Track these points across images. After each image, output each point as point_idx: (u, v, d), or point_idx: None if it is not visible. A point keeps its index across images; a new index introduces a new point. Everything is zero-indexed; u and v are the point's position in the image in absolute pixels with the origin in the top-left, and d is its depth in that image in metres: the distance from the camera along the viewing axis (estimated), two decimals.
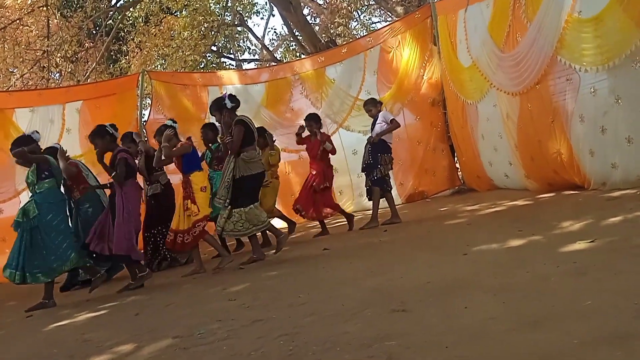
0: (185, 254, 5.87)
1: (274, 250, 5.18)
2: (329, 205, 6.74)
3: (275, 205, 6.82)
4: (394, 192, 8.95)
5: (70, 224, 4.97)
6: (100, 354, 2.73)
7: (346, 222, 6.83)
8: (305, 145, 6.87)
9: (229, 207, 4.91)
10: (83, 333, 3.32)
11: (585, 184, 5.63)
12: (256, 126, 6.95)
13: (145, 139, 7.41)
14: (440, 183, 9.16)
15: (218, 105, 5.11)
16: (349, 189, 9.18)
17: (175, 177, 6.06)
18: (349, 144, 9.07)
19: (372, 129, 6.71)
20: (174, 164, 5.19)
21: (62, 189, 4.95)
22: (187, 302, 3.83)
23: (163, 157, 5.02)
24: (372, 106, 6.76)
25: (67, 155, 5.05)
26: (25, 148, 4.52)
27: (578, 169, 5.64)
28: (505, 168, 7.31)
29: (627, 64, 4.93)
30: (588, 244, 3.38)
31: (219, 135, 5.70)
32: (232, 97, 5.13)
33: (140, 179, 5.73)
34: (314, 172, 6.64)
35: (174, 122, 5.28)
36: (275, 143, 6.80)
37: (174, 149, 4.98)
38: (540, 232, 4.01)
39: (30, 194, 4.65)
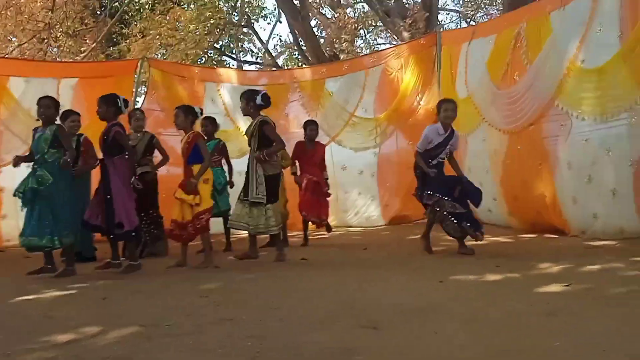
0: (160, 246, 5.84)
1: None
2: (326, 214, 6.71)
3: None
4: (378, 212, 9.03)
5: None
6: (64, 332, 2.67)
7: (326, 236, 6.82)
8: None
9: (267, 204, 4.95)
10: (49, 309, 3.25)
11: (566, 229, 5.71)
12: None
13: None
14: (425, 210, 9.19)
15: (250, 96, 5.11)
16: (335, 204, 9.13)
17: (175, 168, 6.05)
18: (339, 159, 9.07)
19: None
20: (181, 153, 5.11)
21: None
22: (157, 293, 3.78)
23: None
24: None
25: None
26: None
27: (560, 214, 5.72)
28: (489, 203, 7.36)
29: (623, 119, 5.04)
30: (563, 287, 3.42)
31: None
32: (265, 97, 5.12)
33: None
34: (315, 179, 6.59)
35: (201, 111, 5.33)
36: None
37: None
38: (517, 270, 4.05)
39: (34, 164, 4.56)
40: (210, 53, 17.75)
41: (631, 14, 5.15)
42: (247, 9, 17.41)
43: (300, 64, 17.58)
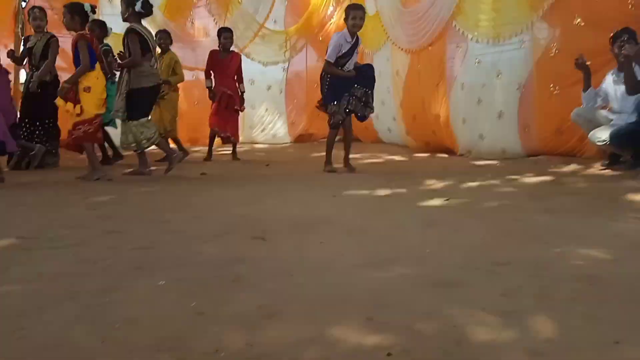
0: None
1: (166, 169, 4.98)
2: (235, 129, 6.57)
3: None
4: (285, 129, 9.04)
5: None
6: None
7: (229, 152, 6.75)
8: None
9: (130, 120, 4.71)
10: None
11: (455, 149, 6.08)
12: (161, 29, 6.52)
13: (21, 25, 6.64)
14: None
15: (128, 2, 4.73)
16: (242, 120, 9.01)
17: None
18: (247, 72, 8.80)
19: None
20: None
21: None
22: (42, 206, 3.60)
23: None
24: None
25: None
26: None
27: (451, 134, 6.05)
28: (389, 123, 7.63)
29: (514, 44, 5.28)
30: (444, 201, 3.69)
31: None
32: (146, 3, 4.72)
33: None
34: (229, 92, 6.37)
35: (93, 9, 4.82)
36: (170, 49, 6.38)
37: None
38: (406, 187, 4.30)
39: None
40: None
41: None
42: None
43: None
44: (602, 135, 4.55)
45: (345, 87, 5.05)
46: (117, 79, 5.31)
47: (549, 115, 5.26)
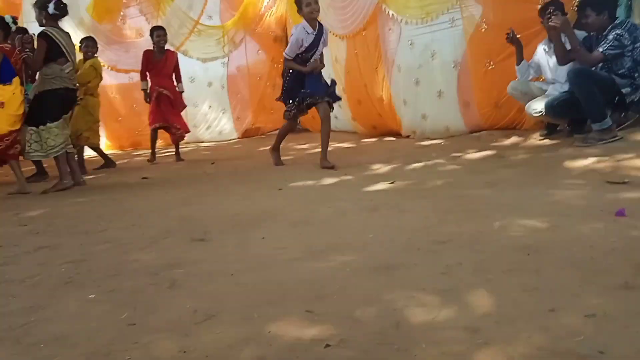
0: None
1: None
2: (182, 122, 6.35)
3: (98, 131, 6.23)
4: (230, 125, 8.87)
5: None
6: None
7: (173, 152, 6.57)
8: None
9: (30, 126, 4.46)
10: None
11: (400, 131, 6.12)
12: (85, 36, 6.23)
13: None
14: (278, 121, 9.15)
15: (42, 5, 4.51)
16: (184, 119, 8.78)
17: None
18: (186, 71, 8.57)
19: None
20: None
21: None
22: None
23: None
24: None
25: None
26: None
27: (395, 116, 6.08)
28: (335, 110, 7.59)
29: (444, 23, 5.33)
30: (388, 185, 3.68)
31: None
32: (58, 4, 4.51)
33: None
34: (166, 92, 6.16)
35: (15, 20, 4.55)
36: (96, 56, 6.09)
37: None
38: (352, 173, 4.28)
39: None
40: None
41: None
42: None
43: None
44: (537, 106, 4.65)
45: (302, 84, 4.73)
46: None
47: (487, 90, 5.35)
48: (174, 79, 6.35)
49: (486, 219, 2.56)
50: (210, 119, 8.85)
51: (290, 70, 4.77)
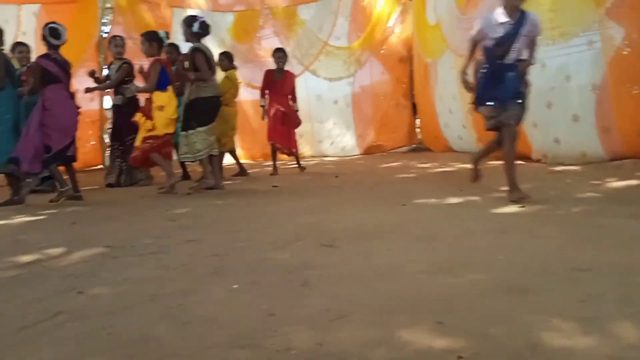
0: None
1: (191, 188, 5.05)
2: (294, 142, 6.71)
3: (234, 138, 6.72)
4: (353, 142, 9.08)
5: None
6: (30, 253, 2.75)
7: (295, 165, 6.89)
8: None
9: (187, 130, 4.95)
10: (17, 234, 3.31)
11: (529, 154, 5.85)
12: (222, 51, 6.84)
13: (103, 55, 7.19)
14: (399, 139, 9.30)
15: (188, 22, 5.03)
16: (310, 135, 9.18)
17: None
18: (313, 89, 9.01)
19: None
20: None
21: None
22: (126, 218, 3.85)
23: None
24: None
25: None
26: None
27: (524, 139, 5.82)
28: (459, 130, 7.47)
29: (581, 45, 5.03)
30: (518, 208, 3.56)
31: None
32: (203, 25, 5.01)
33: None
34: (283, 109, 6.56)
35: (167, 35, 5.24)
36: (235, 71, 6.62)
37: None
38: (478, 194, 4.18)
39: None
40: None
41: None
42: None
43: None
44: None
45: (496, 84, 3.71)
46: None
47: (630, 116, 4.93)
48: (290, 99, 6.66)
49: (632, 251, 2.39)
50: (334, 134, 9.13)
51: (483, 67, 3.80)
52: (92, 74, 5.92)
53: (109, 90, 6.70)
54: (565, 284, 2.03)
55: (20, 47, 5.63)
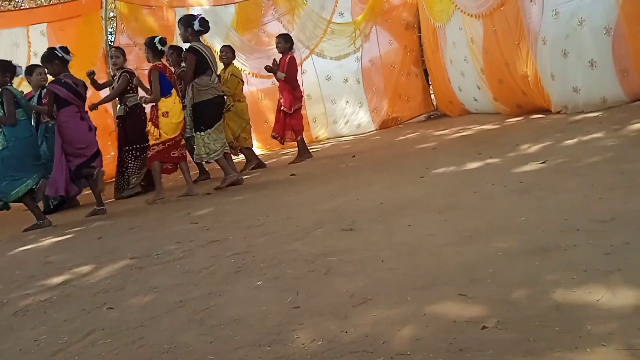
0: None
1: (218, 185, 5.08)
2: (297, 128, 6.59)
3: (251, 132, 6.70)
4: (368, 118, 8.99)
5: None
6: (60, 275, 2.82)
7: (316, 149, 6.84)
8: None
9: (196, 132, 5.01)
10: (46, 256, 3.40)
11: (550, 107, 5.70)
12: (224, 44, 6.82)
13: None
14: (414, 109, 9.16)
15: (186, 23, 5.02)
16: (323, 116, 9.11)
17: None
18: (322, 70, 8.92)
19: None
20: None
21: None
22: (150, 226, 3.91)
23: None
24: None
25: None
26: None
27: (543, 92, 5.67)
28: (474, 92, 7.31)
29: None
30: (539, 165, 3.48)
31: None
32: (202, 21, 5.00)
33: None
34: (281, 98, 6.55)
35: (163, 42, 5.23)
36: (236, 64, 6.61)
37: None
38: (497, 155, 4.11)
39: None
40: None
41: None
42: None
43: None
44: None
45: None
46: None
47: None
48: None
49: None
50: (348, 113, 9.05)
51: None
52: (90, 74, 5.93)
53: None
54: (588, 237, 1.99)
55: (38, 69, 5.64)
